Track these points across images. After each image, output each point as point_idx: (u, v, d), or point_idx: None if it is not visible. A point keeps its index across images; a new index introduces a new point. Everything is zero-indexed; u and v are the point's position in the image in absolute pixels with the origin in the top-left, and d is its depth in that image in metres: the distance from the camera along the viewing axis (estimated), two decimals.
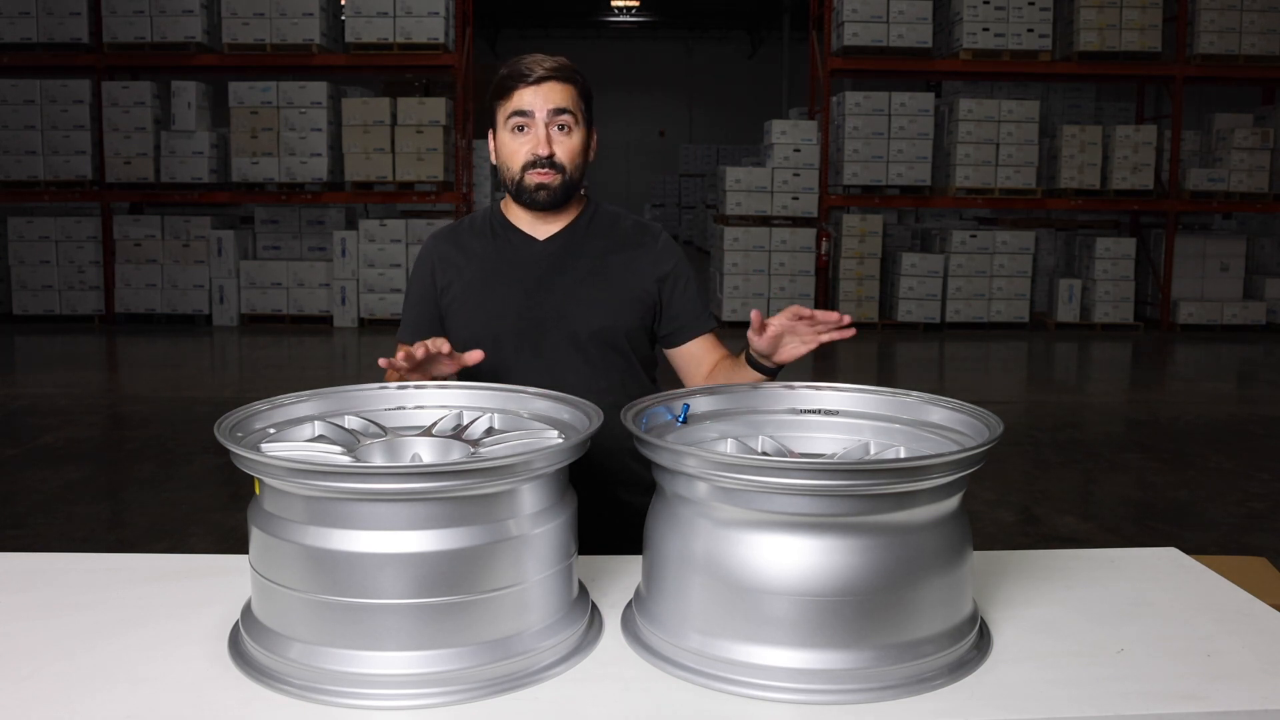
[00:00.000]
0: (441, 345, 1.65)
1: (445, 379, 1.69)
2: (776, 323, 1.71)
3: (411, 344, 1.89)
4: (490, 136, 1.97)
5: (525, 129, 1.87)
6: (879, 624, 1.23)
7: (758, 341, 1.75)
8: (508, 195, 1.98)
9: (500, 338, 1.89)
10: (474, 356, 1.69)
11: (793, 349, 1.74)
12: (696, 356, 1.99)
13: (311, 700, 1.22)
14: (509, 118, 1.88)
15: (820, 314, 1.69)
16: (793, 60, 18.99)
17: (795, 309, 1.70)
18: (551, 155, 1.87)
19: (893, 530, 1.24)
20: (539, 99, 1.86)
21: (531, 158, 1.87)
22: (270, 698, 1.23)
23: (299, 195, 10.59)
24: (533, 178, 1.88)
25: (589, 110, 1.94)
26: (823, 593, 1.22)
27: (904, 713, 1.21)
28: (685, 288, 2.00)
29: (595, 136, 1.96)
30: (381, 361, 1.71)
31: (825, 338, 1.71)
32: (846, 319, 1.68)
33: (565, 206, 1.96)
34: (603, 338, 1.92)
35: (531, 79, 1.86)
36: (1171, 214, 11.08)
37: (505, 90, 1.88)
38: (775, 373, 1.83)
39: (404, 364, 1.64)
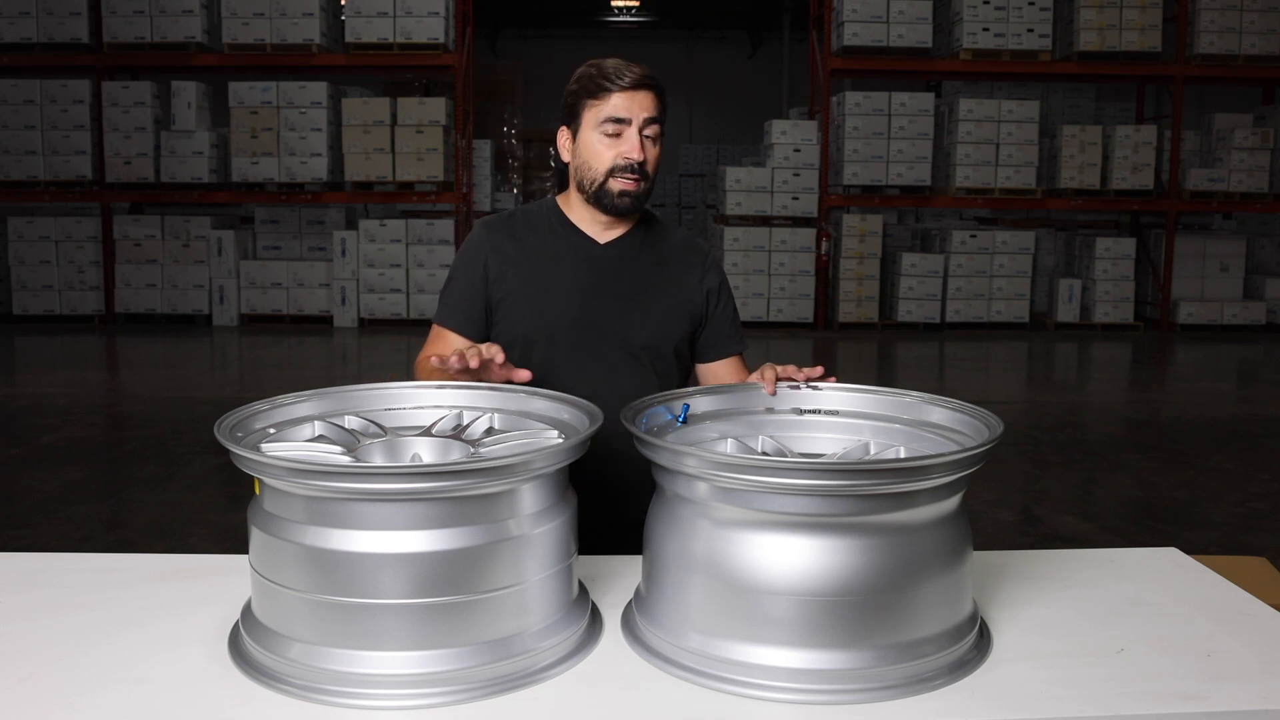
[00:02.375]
0: (496, 354, 1.64)
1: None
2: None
3: (458, 330, 1.92)
4: (563, 134, 1.93)
5: (619, 135, 1.86)
6: (879, 624, 1.23)
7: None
8: (573, 194, 1.96)
9: (554, 337, 1.89)
10: (522, 375, 1.67)
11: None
12: (720, 376, 2.01)
13: (311, 700, 1.22)
14: (603, 121, 1.86)
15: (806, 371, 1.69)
16: (793, 60, 18.98)
17: (788, 371, 1.70)
18: (643, 162, 1.87)
19: (893, 530, 1.24)
20: (635, 105, 1.86)
21: (623, 162, 1.86)
22: (270, 698, 1.23)
23: (299, 195, 10.59)
24: (618, 183, 1.87)
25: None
26: (823, 593, 1.22)
27: (904, 713, 1.21)
28: (725, 307, 2.03)
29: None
30: (434, 360, 1.70)
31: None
32: (819, 371, 1.68)
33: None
34: (654, 347, 1.93)
35: (628, 84, 1.86)
36: (1171, 214, 11.09)
37: (599, 91, 1.86)
38: None
39: (456, 365, 1.62)
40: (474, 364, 1.61)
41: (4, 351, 9.51)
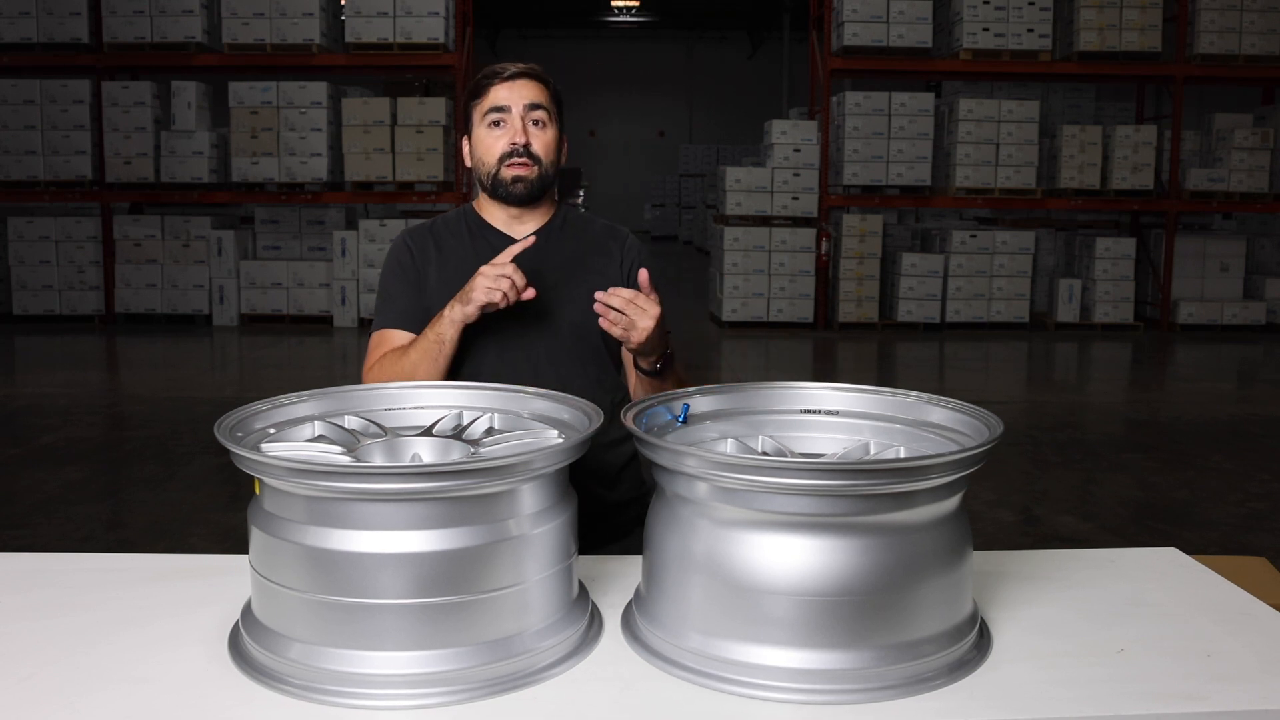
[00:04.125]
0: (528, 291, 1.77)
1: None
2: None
3: (406, 328, 1.94)
4: (465, 141, 2.02)
5: (502, 124, 1.94)
6: (879, 624, 1.23)
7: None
8: (481, 196, 2.03)
9: (484, 335, 1.92)
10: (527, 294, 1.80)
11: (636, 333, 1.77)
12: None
13: (311, 700, 1.22)
14: (485, 114, 1.95)
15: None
16: (793, 60, 18.98)
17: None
18: (528, 145, 1.93)
19: (893, 530, 1.24)
20: (514, 94, 1.93)
21: (509, 148, 1.93)
22: (270, 698, 1.23)
23: (299, 195, 10.59)
24: (510, 170, 1.94)
25: (560, 115, 2.00)
26: (823, 593, 1.22)
27: (904, 713, 1.21)
28: None
29: (566, 143, 2.03)
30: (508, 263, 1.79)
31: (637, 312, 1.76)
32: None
33: (539, 206, 2.01)
34: (582, 335, 1.96)
35: (506, 76, 1.94)
36: (1171, 214, 11.08)
37: (480, 89, 1.96)
38: (650, 372, 1.86)
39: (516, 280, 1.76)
40: (507, 297, 1.76)
41: (4, 351, 9.51)
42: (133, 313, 10.69)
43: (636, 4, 19.61)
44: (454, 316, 1.82)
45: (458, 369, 1.92)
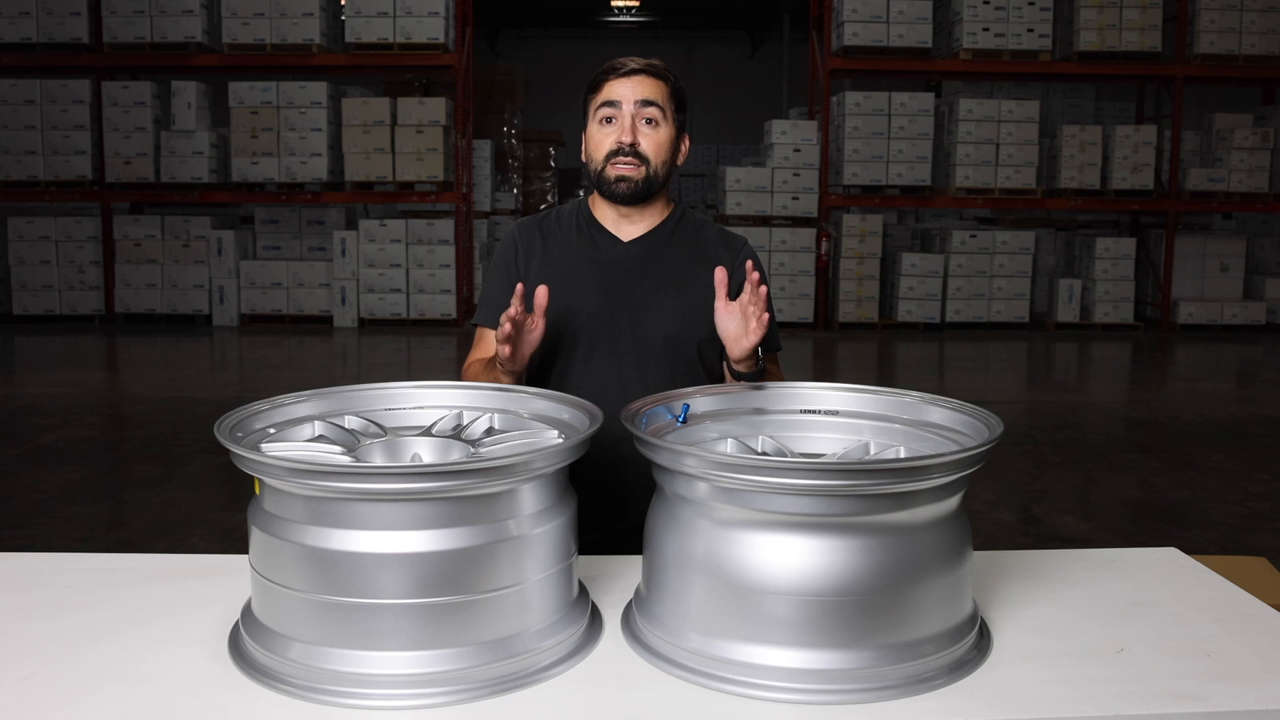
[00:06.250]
0: (513, 313, 1.67)
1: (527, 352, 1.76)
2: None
3: (493, 327, 1.91)
4: (583, 138, 1.97)
5: (613, 120, 1.88)
6: (879, 624, 1.23)
7: (723, 316, 1.74)
8: (595, 192, 1.98)
9: (573, 336, 1.89)
10: (540, 295, 1.73)
11: (740, 340, 1.71)
12: None
13: (311, 700, 1.22)
14: (598, 109, 1.89)
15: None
16: (793, 60, 18.98)
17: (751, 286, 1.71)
18: (635, 144, 1.86)
19: (893, 530, 1.24)
20: (627, 89, 1.87)
21: (615, 146, 1.87)
22: (270, 698, 1.23)
23: (299, 195, 10.59)
24: (615, 169, 1.88)
25: (680, 112, 1.94)
26: (823, 593, 1.22)
27: (904, 713, 1.21)
28: None
29: (687, 143, 1.97)
30: (476, 366, 1.84)
31: (753, 309, 1.69)
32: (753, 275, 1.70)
33: (650, 206, 1.95)
34: (674, 345, 1.91)
35: (622, 71, 1.89)
36: (1171, 214, 11.09)
37: (596, 83, 1.91)
38: (750, 375, 1.78)
39: (501, 340, 1.69)
40: (506, 330, 1.67)
41: (4, 351, 9.51)
42: (133, 313, 10.70)
43: (636, 4, 19.59)
44: (499, 361, 1.76)
45: (545, 376, 1.90)
